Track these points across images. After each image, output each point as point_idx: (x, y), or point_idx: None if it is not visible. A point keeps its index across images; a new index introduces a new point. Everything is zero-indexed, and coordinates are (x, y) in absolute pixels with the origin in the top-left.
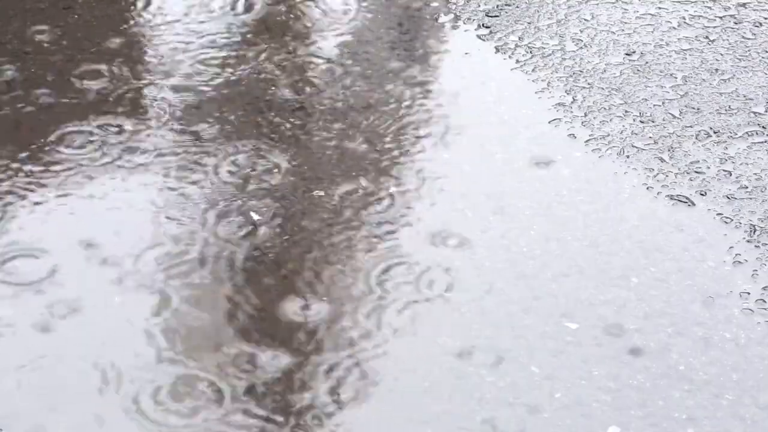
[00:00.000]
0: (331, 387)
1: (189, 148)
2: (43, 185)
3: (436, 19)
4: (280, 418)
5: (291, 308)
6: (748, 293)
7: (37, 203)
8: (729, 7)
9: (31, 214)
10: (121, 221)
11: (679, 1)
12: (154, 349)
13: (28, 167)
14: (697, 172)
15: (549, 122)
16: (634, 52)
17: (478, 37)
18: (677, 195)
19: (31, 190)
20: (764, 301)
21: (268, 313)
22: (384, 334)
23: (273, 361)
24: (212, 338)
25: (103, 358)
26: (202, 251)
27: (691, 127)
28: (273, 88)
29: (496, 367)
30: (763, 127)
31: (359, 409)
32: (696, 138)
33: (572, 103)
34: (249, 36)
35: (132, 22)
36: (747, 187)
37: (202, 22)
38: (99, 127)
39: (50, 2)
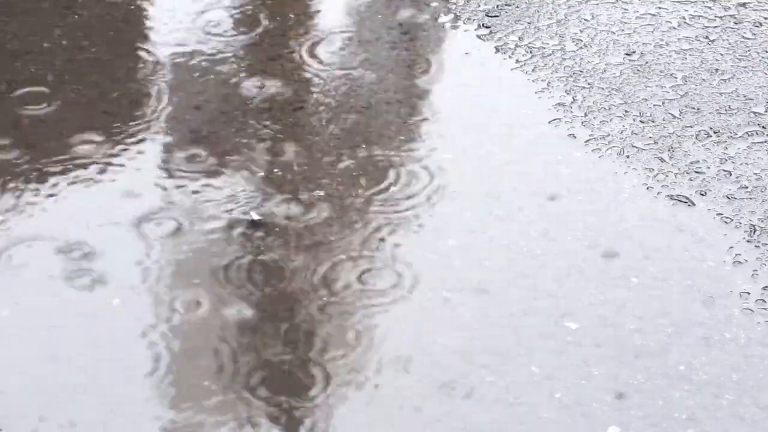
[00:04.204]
0: (330, 385)
1: (189, 148)
2: (46, 179)
3: (436, 19)
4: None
5: (291, 307)
6: (748, 293)
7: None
8: (729, 7)
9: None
10: (120, 214)
11: (679, 1)
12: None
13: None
14: (697, 172)
15: (549, 122)
16: (634, 52)
17: (478, 37)
18: (677, 195)
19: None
20: (764, 301)
21: (268, 312)
22: (383, 333)
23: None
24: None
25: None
26: (202, 249)
27: (691, 127)
28: (273, 87)
29: (496, 367)
30: (763, 127)
31: (359, 409)
32: (696, 138)
33: (572, 103)
34: (249, 36)
35: (132, 22)
36: (747, 187)
37: (201, 21)
38: (97, 129)
39: (50, 2)
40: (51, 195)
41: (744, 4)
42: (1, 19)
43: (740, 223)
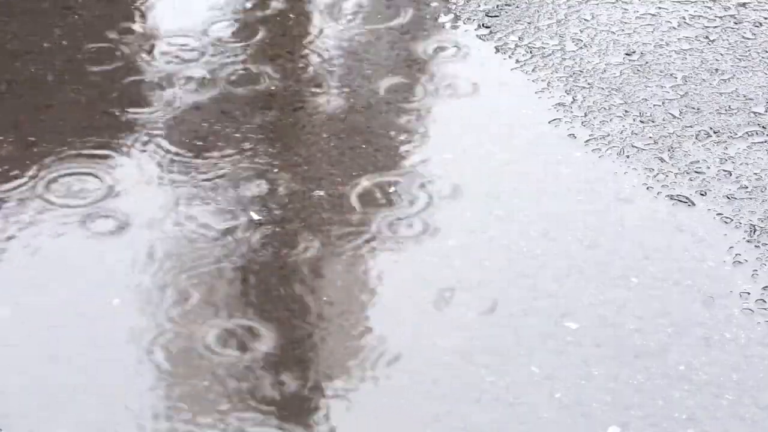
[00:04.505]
0: (329, 386)
1: (189, 147)
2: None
3: (436, 19)
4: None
5: (291, 308)
6: (748, 293)
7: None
8: (729, 7)
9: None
10: (120, 213)
11: (679, 1)
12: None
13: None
14: (697, 172)
15: (549, 122)
16: (634, 52)
17: (478, 37)
18: (677, 195)
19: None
20: (764, 301)
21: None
22: (384, 334)
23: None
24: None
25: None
26: (203, 250)
27: (691, 127)
28: (273, 87)
29: (496, 367)
30: (763, 127)
31: (359, 409)
32: (696, 138)
33: (572, 103)
34: (249, 35)
35: (131, 22)
36: (747, 187)
37: (201, 21)
38: (98, 128)
39: (50, 2)
40: (51, 194)
41: (744, 4)
42: (1, 19)
43: (740, 223)
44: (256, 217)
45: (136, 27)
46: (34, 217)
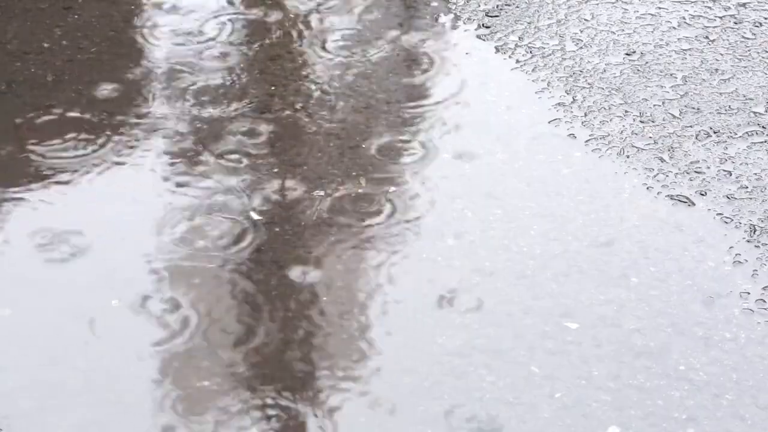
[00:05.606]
0: (331, 385)
1: (189, 147)
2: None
3: (436, 19)
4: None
5: (291, 307)
6: (748, 293)
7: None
8: (729, 7)
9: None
10: (120, 213)
11: (679, 1)
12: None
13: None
14: (697, 172)
15: (549, 122)
16: (634, 52)
17: (478, 37)
18: (677, 195)
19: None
20: (764, 301)
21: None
22: (384, 335)
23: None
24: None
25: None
26: (202, 249)
27: (691, 127)
28: (273, 87)
29: (496, 366)
30: (763, 127)
31: (360, 409)
32: (696, 138)
33: (572, 103)
34: (249, 36)
35: (131, 22)
36: (747, 187)
37: (201, 21)
38: (99, 128)
39: (50, 2)
40: (51, 194)
41: (744, 4)
42: (1, 19)
43: (740, 223)
44: (256, 216)
45: (136, 27)
46: (33, 217)
